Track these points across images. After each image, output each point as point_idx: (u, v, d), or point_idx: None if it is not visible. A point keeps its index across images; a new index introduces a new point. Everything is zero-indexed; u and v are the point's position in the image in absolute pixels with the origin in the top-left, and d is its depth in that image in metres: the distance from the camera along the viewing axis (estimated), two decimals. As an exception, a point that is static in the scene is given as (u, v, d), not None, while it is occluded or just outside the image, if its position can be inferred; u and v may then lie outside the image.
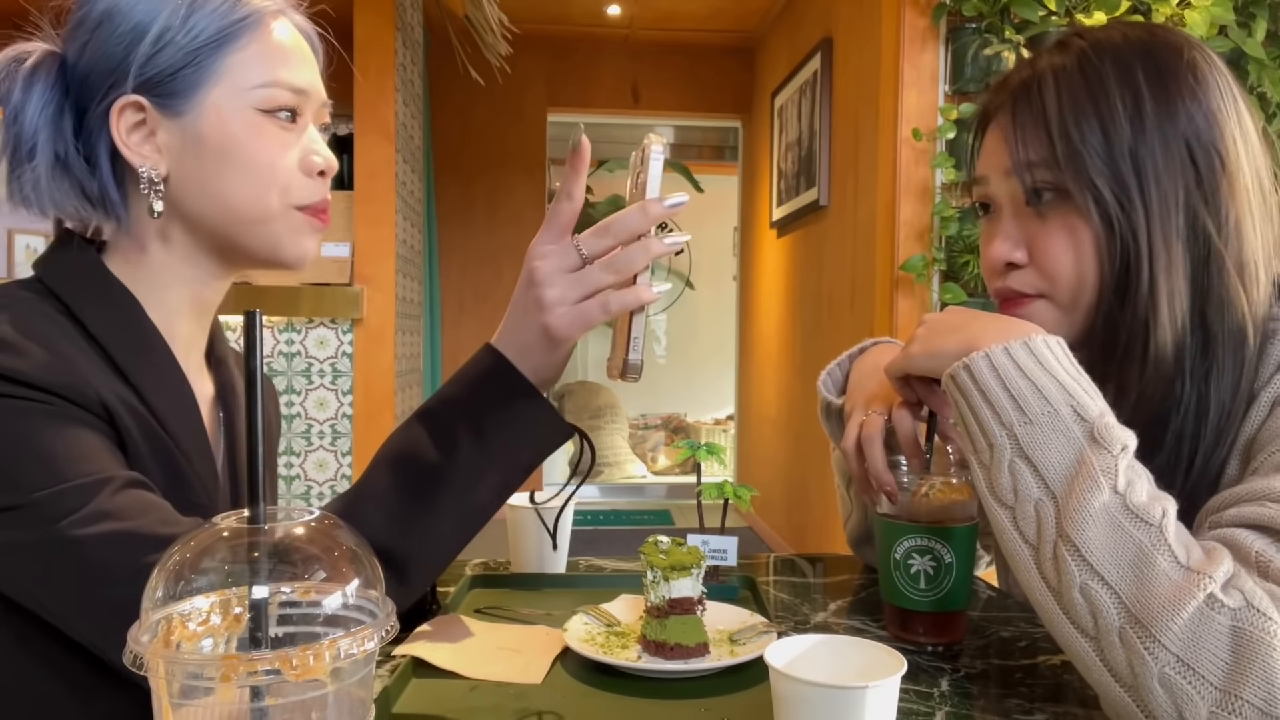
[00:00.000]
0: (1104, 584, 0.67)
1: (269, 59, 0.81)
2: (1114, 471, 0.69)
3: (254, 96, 0.80)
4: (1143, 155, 0.80)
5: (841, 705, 0.61)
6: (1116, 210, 0.81)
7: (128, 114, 0.79)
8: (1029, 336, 0.76)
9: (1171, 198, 0.80)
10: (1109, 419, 0.72)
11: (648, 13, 4.86)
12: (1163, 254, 0.80)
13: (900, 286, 2.66)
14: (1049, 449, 0.72)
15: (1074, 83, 0.83)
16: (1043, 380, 0.73)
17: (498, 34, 3.46)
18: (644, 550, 0.88)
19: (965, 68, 2.56)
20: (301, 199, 0.84)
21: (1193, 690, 0.62)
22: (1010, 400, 0.74)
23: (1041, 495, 0.71)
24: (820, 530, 3.77)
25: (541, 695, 0.79)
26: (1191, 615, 0.63)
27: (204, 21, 0.79)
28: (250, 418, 0.51)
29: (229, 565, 0.49)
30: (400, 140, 3.20)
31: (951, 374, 0.78)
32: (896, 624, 0.93)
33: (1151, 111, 0.81)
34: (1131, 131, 0.81)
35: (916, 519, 0.91)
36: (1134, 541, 0.67)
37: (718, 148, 6.77)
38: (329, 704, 0.48)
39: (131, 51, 0.78)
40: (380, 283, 2.96)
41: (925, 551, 0.90)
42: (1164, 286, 0.80)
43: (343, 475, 2.91)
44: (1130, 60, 0.83)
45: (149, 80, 0.78)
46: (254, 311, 0.52)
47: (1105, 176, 0.81)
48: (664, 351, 7.48)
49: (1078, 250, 0.83)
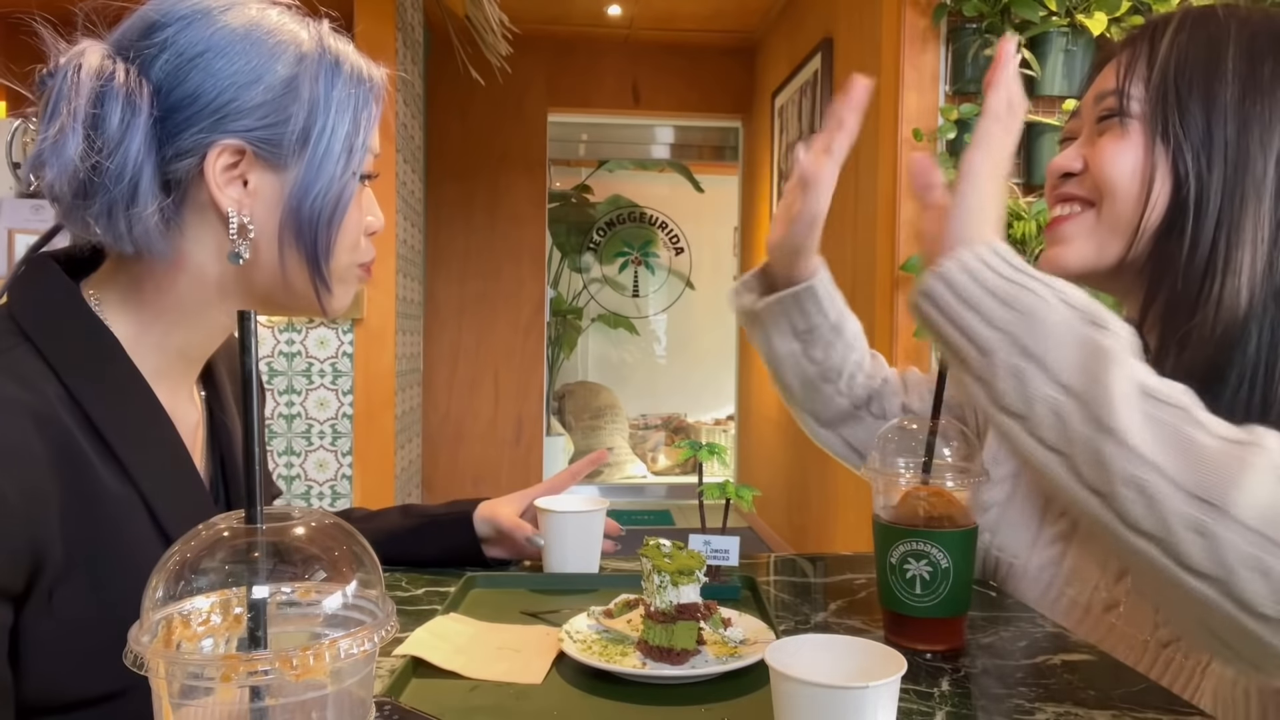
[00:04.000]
0: (1157, 471, 0.61)
1: (373, 128, 0.83)
2: (1125, 354, 0.66)
3: (355, 162, 0.81)
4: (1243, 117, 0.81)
5: (841, 705, 0.61)
6: (1193, 156, 0.81)
7: (225, 156, 0.76)
8: (991, 241, 0.73)
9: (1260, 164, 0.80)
10: (1096, 304, 0.69)
11: (648, 13, 4.86)
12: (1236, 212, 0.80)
13: (900, 286, 2.66)
14: (1049, 340, 0.67)
15: (1197, 37, 0.84)
16: (1020, 276, 0.71)
17: (498, 34, 3.46)
18: (646, 553, 0.87)
19: (965, 68, 2.56)
20: (362, 257, 0.87)
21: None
22: (992, 298, 0.70)
23: (1054, 393, 0.66)
24: (820, 530, 3.77)
25: (541, 695, 0.79)
26: (1260, 485, 0.59)
27: (324, 84, 0.79)
28: (247, 419, 0.51)
29: (229, 565, 0.49)
30: (400, 140, 3.20)
31: (923, 290, 0.74)
32: (893, 630, 0.92)
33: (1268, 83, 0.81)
34: (1242, 91, 0.81)
35: (913, 523, 0.90)
36: (1168, 423, 0.62)
37: (718, 148, 6.77)
38: (329, 704, 0.48)
39: (242, 95, 0.76)
40: (380, 283, 2.96)
41: (921, 556, 0.88)
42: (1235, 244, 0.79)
43: (343, 475, 2.91)
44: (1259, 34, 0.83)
45: (255, 129, 0.76)
46: (248, 312, 0.52)
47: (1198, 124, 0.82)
48: (664, 351, 7.48)
49: (1130, 165, 0.84)
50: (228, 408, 0.91)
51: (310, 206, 0.79)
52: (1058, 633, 0.95)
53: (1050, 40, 2.50)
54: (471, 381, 5.15)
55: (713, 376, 7.01)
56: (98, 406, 0.73)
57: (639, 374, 7.40)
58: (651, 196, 7.29)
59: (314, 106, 0.78)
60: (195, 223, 0.79)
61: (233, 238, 0.78)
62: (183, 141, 0.75)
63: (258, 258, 0.80)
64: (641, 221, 7.30)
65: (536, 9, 4.65)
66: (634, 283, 7.34)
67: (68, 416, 0.71)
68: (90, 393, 0.73)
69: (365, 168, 0.83)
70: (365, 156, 0.82)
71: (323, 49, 0.80)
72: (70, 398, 0.72)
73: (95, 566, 0.71)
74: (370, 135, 0.83)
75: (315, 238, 0.80)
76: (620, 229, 7.28)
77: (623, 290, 7.33)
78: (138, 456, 0.75)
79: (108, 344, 0.76)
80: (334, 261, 0.82)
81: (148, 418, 0.77)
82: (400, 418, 3.19)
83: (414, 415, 3.79)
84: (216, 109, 0.75)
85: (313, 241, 0.80)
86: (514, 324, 5.17)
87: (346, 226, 0.82)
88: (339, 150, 0.79)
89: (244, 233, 0.78)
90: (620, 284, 7.33)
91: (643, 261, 7.33)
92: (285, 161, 0.78)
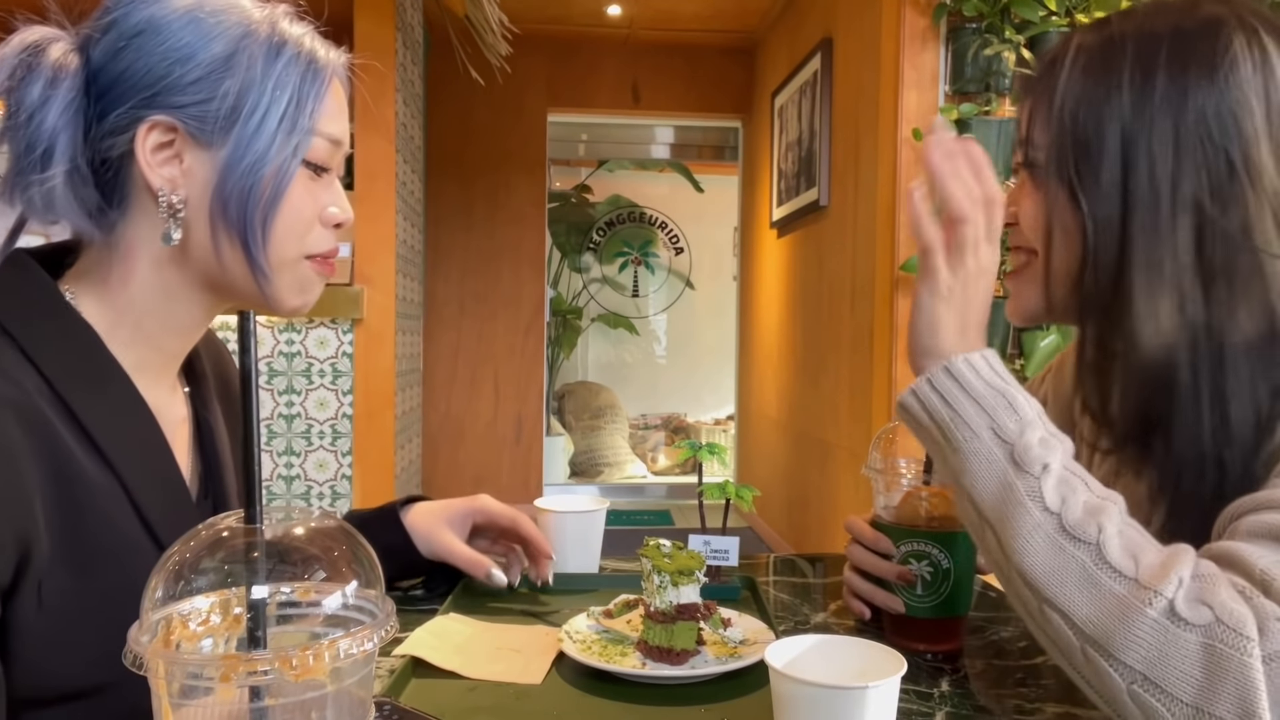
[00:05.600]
0: (1054, 607, 0.65)
1: (320, 112, 0.80)
2: (1038, 493, 0.67)
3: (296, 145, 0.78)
4: (1139, 146, 0.74)
5: (841, 705, 0.61)
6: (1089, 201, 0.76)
7: (156, 133, 0.76)
8: (949, 358, 0.73)
9: (1168, 193, 0.74)
10: (1030, 436, 0.69)
11: (648, 13, 4.86)
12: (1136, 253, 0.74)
13: (900, 286, 2.66)
14: (976, 477, 0.70)
15: (1092, 62, 0.78)
16: (962, 404, 0.72)
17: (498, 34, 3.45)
18: (646, 553, 0.87)
19: (965, 68, 2.56)
20: (313, 248, 0.82)
21: (1162, 707, 0.60)
22: (938, 430, 0.73)
23: (982, 524, 0.70)
24: (820, 530, 3.77)
25: (541, 695, 0.79)
26: (1150, 631, 0.61)
27: (264, 62, 0.77)
28: (247, 418, 0.51)
29: (228, 565, 0.49)
30: (400, 140, 3.20)
31: (898, 407, 0.77)
32: (894, 630, 0.92)
33: (1161, 97, 0.74)
34: (1133, 116, 0.75)
35: (915, 524, 0.90)
36: (1075, 561, 0.65)
37: (718, 148, 6.77)
38: (329, 704, 0.48)
39: (174, 71, 0.75)
40: (380, 283, 2.96)
41: (922, 556, 0.89)
42: (1140, 285, 0.74)
43: (343, 475, 2.90)
44: (1157, 37, 0.76)
45: (187, 105, 0.76)
46: (247, 312, 0.52)
47: (1091, 168, 0.76)
48: (664, 351, 7.47)
49: (1040, 217, 0.81)
50: (210, 404, 0.90)
51: (238, 185, 0.77)
52: (1058, 633, 0.95)
53: (1050, 40, 2.50)
54: (471, 381, 5.15)
55: (713, 376, 7.01)
56: (76, 396, 0.73)
57: (639, 374, 7.40)
58: (651, 196, 7.28)
59: (249, 84, 0.77)
60: (136, 205, 0.79)
61: (164, 216, 0.77)
62: (114, 119, 0.76)
63: (191, 238, 0.78)
64: (641, 221, 7.30)
65: (536, 9, 4.65)
66: (634, 283, 7.34)
67: (48, 408, 0.71)
68: (69, 383, 0.73)
69: (320, 156, 0.81)
70: (311, 140, 0.79)
71: (272, 29, 0.79)
72: (50, 389, 0.73)
73: (81, 555, 0.71)
74: (319, 118, 0.80)
75: (246, 219, 0.77)
76: (620, 229, 7.28)
77: (623, 290, 7.33)
78: (118, 445, 0.75)
79: (84, 336, 0.77)
80: (272, 248, 0.79)
81: (126, 407, 0.77)
82: (400, 418, 3.19)
83: (414, 415, 3.79)
84: (147, 85, 0.76)
85: (242, 222, 0.77)
86: (514, 324, 5.17)
87: (285, 210, 0.79)
88: (274, 128, 0.77)
89: (173, 211, 0.77)
90: (620, 284, 7.32)
91: (643, 261, 7.32)
92: (214, 139, 0.77)
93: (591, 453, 6.45)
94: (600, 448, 6.44)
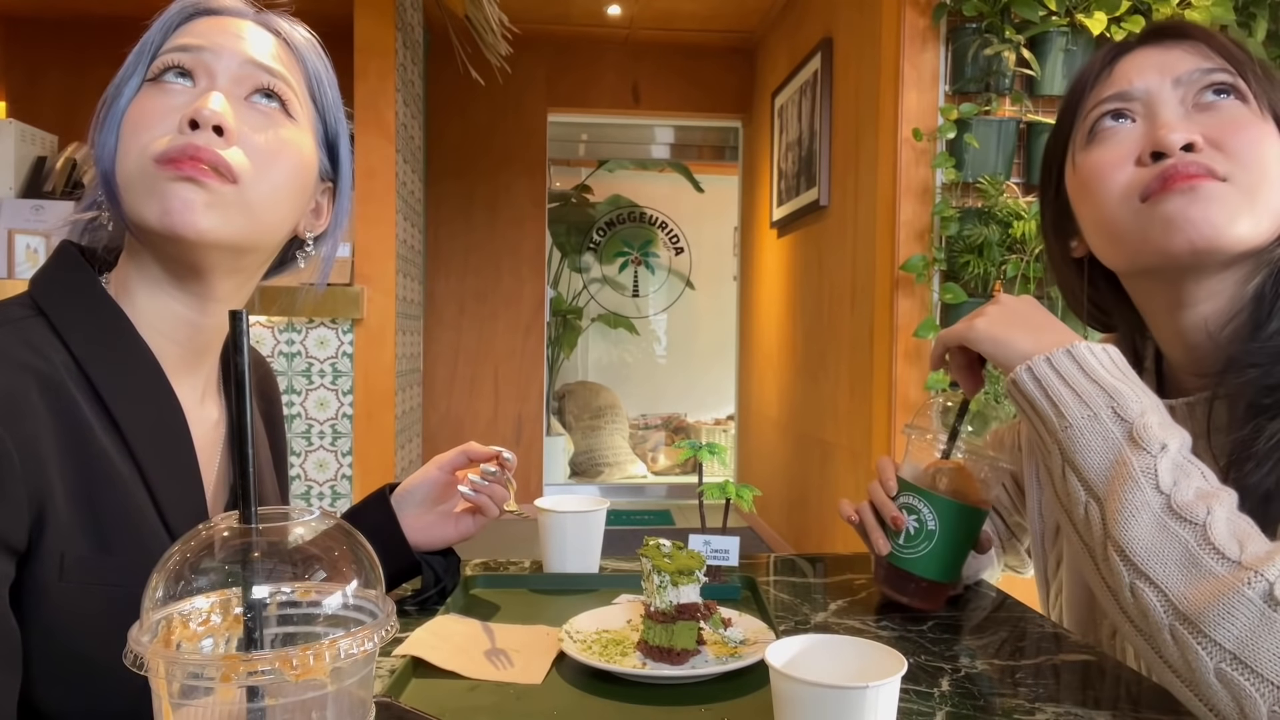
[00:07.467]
0: (1150, 583, 0.67)
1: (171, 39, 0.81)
2: (1153, 471, 0.69)
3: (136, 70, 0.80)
4: None
5: (841, 705, 0.61)
6: None
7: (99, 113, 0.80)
8: (1072, 344, 0.78)
9: None
10: (1151, 418, 0.72)
11: (648, 13, 4.86)
12: None
13: (900, 286, 2.66)
14: (1089, 451, 0.73)
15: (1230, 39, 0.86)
16: (1082, 384, 0.75)
17: (498, 34, 3.45)
18: (646, 553, 0.87)
19: (965, 68, 2.56)
20: (154, 148, 0.75)
21: (1251, 688, 0.61)
22: (1052, 407, 0.76)
23: (1088, 498, 0.72)
24: (820, 530, 3.77)
25: (541, 696, 0.79)
26: (1247, 611, 0.62)
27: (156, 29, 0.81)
28: (240, 417, 0.51)
29: (229, 565, 0.49)
30: (400, 140, 3.20)
31: (1010, 384, 0.81)
32: (878, 575, 1.01)
33: None
34: None
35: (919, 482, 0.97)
36: (1178, 539, 0.67)
37: (718, 148, 6.77)
38: (329, 704, 0.48)
39: None
40: (380, 283, 2.96)
41: (913, 511, 0.96)
42: None
43: (343, 475, 2.91)
44: None
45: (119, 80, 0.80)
46: (239, 311, 0.52)
47: None
48: (664, 351, 7.47)
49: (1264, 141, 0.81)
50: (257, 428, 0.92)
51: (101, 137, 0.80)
52: (1058, 633, 0.95)
53: (1050, 40, 2.50)
54: (471, 381, 5.15)
55: (713, 376, 7.01)
56: (102, 375, 0.75)
57: (639, 374, 7.40)
58: (651, 196, 7.28)
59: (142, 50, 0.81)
60: None
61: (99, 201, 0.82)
62: None
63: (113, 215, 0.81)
64: (641, 221, 7.30)
65: (536, 9, 4.65)
66: (634, 283, 7.34)
67: (73, 385, 0.73)
68: (95, 365, 0.75)
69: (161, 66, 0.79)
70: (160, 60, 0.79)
71: None
72: (78, 368, 0.75)
73: (100, 528, 0.72)
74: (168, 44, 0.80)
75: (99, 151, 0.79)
76: (620, 229, 7.28)
77: (623, 290, 7.33)
78: (138, 427, 0.76)
79: (116, 319, 0.79)
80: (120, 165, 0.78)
81: (150, 393, 0.79)
82: (400, 418, 3.19)
83: (414, 415, 3.79)
84: None
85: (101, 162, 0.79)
86: (514, 324, 5.17)
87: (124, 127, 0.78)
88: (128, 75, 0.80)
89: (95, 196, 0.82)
90: (620, 284, 7.32)
91: (643, 261, 7.32)
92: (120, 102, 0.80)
93: (591, 453, 6.45)
94: (600, 448, 6.44)
